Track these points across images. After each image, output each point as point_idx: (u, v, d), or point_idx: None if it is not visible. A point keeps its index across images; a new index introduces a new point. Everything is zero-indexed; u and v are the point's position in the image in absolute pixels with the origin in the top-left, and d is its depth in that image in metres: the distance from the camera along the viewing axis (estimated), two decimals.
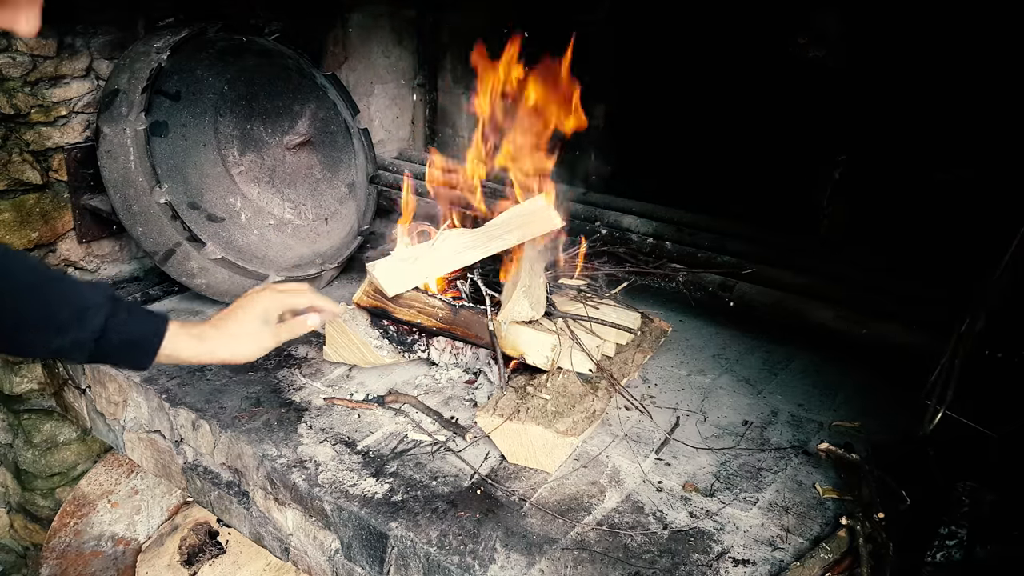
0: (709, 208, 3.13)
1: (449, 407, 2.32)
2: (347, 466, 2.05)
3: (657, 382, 2.50)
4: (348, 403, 2.32)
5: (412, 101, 4.23)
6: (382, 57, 3.99)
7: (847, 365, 2.59)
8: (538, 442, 2.02)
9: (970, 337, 1.93)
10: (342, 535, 1.96)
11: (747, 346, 2.75)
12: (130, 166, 2.59)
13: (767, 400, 2.42)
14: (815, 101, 2.92)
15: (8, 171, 2.67)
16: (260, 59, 3.01)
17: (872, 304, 2.42)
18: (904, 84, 2.71)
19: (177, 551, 2.21)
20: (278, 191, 2.95)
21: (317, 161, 3.12)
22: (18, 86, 2.64)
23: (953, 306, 2.08)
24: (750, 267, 2.67)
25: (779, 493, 1.98)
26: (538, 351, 2.21)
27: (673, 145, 3.33)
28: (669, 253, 2.89)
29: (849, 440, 2.12)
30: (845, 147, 2.93)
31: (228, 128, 2.84)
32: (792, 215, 3.06)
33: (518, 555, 1.74)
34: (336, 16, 3.71)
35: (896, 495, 1.84)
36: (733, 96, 3.10)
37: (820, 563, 1.69)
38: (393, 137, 4.20)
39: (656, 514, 1.90)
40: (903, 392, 2.35)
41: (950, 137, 2.63)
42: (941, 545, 1.65)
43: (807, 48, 2.88)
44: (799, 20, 2.87)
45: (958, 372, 1.92)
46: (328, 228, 3.13)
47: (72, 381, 2.77)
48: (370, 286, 2.42)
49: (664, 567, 1.72)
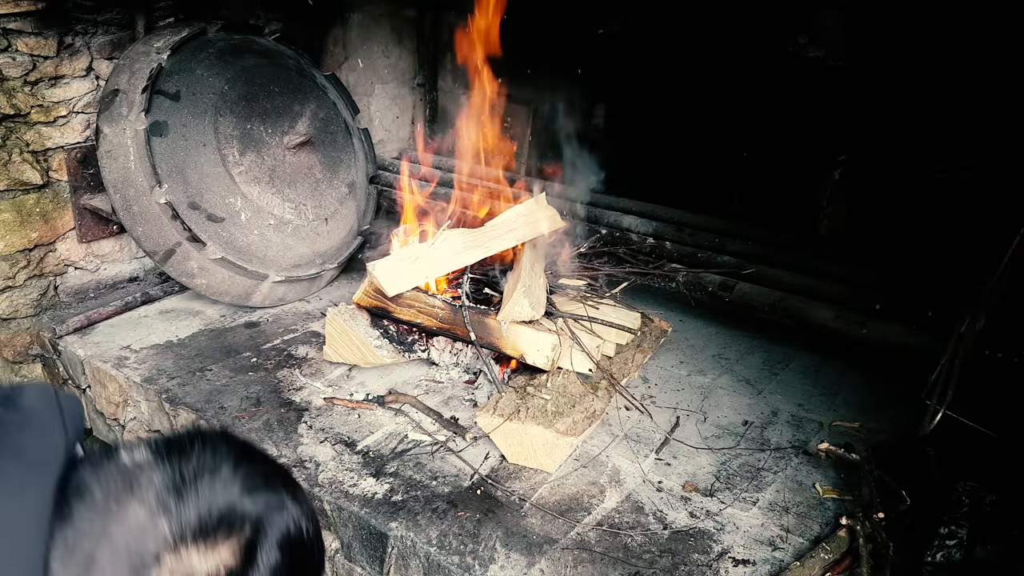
0: (709, 208, 3.13)
1: (449, 407, 2.32)
2: (347, 466, 2.05)
3: (657, 382, 2.50)
4: (348, 403, 2.32)
5: (412, 101, 4.23)
6: (382, 57, 3.99)
7: (847, 365, 2.59)
8: (538, 442, 2.02)
9: (970, 337, 1.94)
10: (342, 535, 1.96)
11: (747, 346, 2.75)
12: (130, 166, 2.59)
13: (767, 400, 2.42)
14: (815, 101, 2.92)
15: (8, 171, 2.67)
16: (260, 59, 3.01)
17: (872, 304, 2.42)
18: (904, 84, 2.71)
19: None
20: (278, 191, 2.95)
21: (317, 161, 3.12)
22: (18, 86, 2.64)
23: (953, 306, 2.08)
24: (750, 267, 2.68)
25: (779, 493, 1.98)
26: (538, 351, 2.21)
27: (673, 145, 3.33)
28: (669, 253, 2.89)
29: (849, 440, 2.12)
30: (845, 147, 2.93)
31: (228, 128, 2.84)
32: (792, 215, 3.06)
33: (518, 555, 1.74)
34: (336, 16, 3.71)
35: (896, 495, 1.84)
36: (733, 96, 3.10)
37: (820, 563, 1.69)
38: (393, 137, 4.20)
39: (656, 514, 1.90)
40: (903, 392, 2.36)
41: (950, 137, 2.63)
42: (941, 545, 1.65)
43: (807, 48, 2.88)
44: (799, 20, 2.87)
45: (958, 372, 1.92)
46: (328, 228, 3.13)
47: (72, 381, 2.77)
48: (370, 286, 2.42)
49: (664, 567, 1.72)
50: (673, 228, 3.01)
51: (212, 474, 0.75)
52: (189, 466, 0.75)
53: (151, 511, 0.72)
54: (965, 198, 2.63)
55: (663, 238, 2.96)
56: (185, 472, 0.74)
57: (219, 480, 0.75)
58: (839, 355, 2.60)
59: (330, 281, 3.20)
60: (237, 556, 0.74)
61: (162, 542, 0.71)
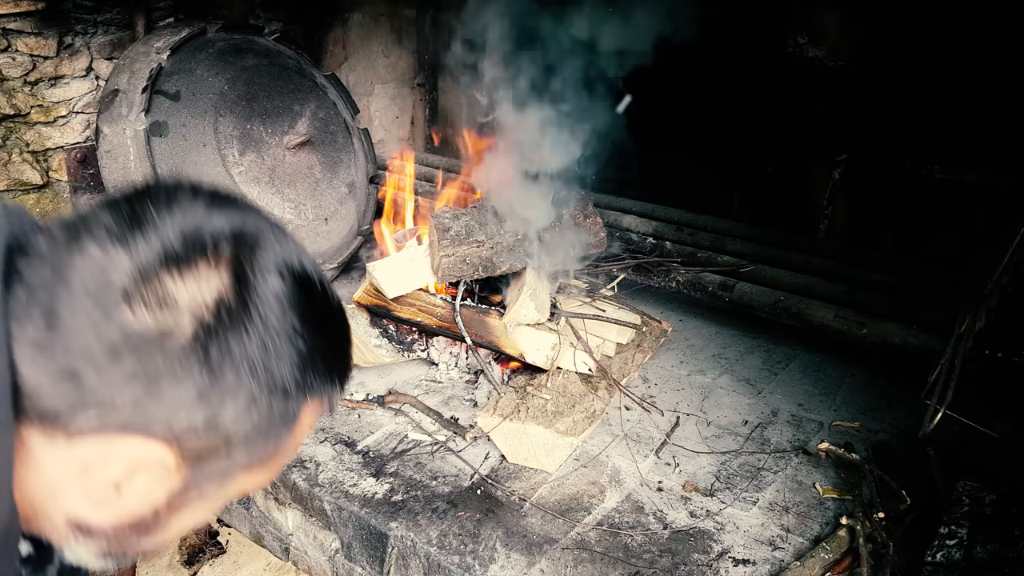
0: (709, 208, 3.13)
1: (449, 407, 2.32)
2: (347, 466, 2.05)
3: (657, 382, 2.50)
4: (348, 403, 2.32)
5: (412, 101, 4.23)
6: (382, 57, 3.99)
7: (847, 365, 2.59)
8: (538, 442, 2.02)
9: (970, 337, 1.94)
10: (342, 535, 1.96)
11: (747, 346, 2.75)
12: (130, 166, 2.59)
13: (767, 400, 2.42)
14: (815, 101, 2.92)
15: (8, 171, 2.67)
16: (260, 59, 3.01)
17: (872, 304, 2.42)
18: (904, 85, 2.71)
19: (177, 551, 2.21)
20: (278, 191, 2.95)
21: (317, 161, 3.12)
22: (18, 86, 2.64)
23: (953, 306, 2.08)
24: (750, 266, 2.68)
25: (779, 493, 1.98)
26: (538, 350, 2.21)
27: (673, 145, 3.32)
28: (669, 253, 2.89)
29: (849, 440, 2.12)
30: (845, 146, 2.93)
31: (228, 128, 2.84)
32: (792, 215, 3.06)
33: (518, 555, 1.74)
34: (336, 16, 3.71)
35: (896, 495, 1.84)
36: (733, 96, 3.10)
37: (820, 563, 1.69)
38: (393, 137, 4.19)
39: (656, 514, 1.90)
40: (903, 392, 2.36)
41: (951, 137, 2.63)
42: (941, 545, 1.65)
43: (807, 48, 2.88)
44: (799, 20, 2.87)
45: (958, 372, 1.92)
46: (328, 228, 3.13)
47: None
48: (370, 285, 2.42)
49: (664, 567, 1.72)
50: (673, 228, 3.00)
51: (169, 203, 0.63)
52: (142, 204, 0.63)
53: (105, 248, 0.60)
54: (965, 198, 2.63)
55: (663, 238, 2.96)
56: (137, 207, 0.62)
57: (177, 206, 0.63)
58: (839, 355, 2.61)
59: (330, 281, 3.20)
60: (224, 279, 0.61)
61: (126, 276, 0.59)
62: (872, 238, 2.90)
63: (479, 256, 2.32)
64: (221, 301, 0.61)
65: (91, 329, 0.59)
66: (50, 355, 0.59)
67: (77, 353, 0.59)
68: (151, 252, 0.60)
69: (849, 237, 2.96)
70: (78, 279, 0.59)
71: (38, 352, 0.59)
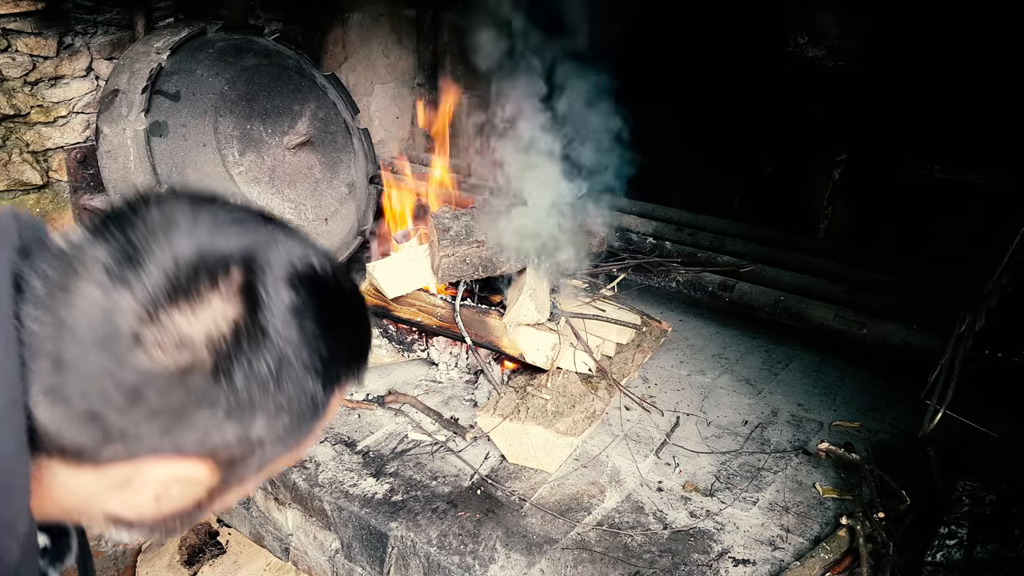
0: (709, 208, 3.13)
1: (449, 407, 2.32)
2: (347, 466, 2.05)
3: (657, 382, 2.50)
4: (348, 403, 2.32)
5: (412, 101, 4.22)
6: (382, 57, 3.99)
7: (847, 365, 2.59)
8: (538, 442, 2.02)
9: (970, 337, 1.94)
10: (342, 535, 1.96)
11: (747, 346, 2.75)
12: (130, 166, 2.59)
13: (767, 400, 2.42)
14: (815, 101, 2.92)
15: (8, 171, 2.67)
16: (260, 59, 3.01)
17: (872, 304, 2.43)
18: (904, 85, 2.71)
19: (177, 551, 2.21)
20: (278, 191, 2.95)
21: (317, 161, 3.12)
22: (18, 86, 2.64)
23: (953, 306, 2.08)
24: (750, 267, 2.68)
25: (779, 493, 1.98)
26: (538, 350, 2.21)
27: (673, 145, 3.32)
28: (669, 253, 2.89)
29: (849, 440, 2.12)
30: (845, 146, 2.93)
31: (228, 128, 2.84)
32: (792, 215, 3.06)
33: (518, 555, 1.74)
34: (336, 16, 3.70)
35: (896, 495, 1.84)
36: (733, 96, 3.10)
37: (820, 563, 1.69)
38: (393, 137, 4.19)
39: (656, 514, 1.90)
40: (903, 392, 2.36)
41: (950, 137, 2.63)
42: (941, 545, 1.65)
43: (807, 48, 2.88)
44: (799, 19, 2.87)
45: (958, 372, 1.92)
46: (328, 228, 3.13)
47: None
48: (370, 286, 2.42)
49: (664, 567, 1.72)
50: (673, 228, 3.01)
51: (167, 229, 0.60)
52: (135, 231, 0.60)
53: (105, 288, 0.57)
54: (965, 198, 2.63)
55: (663, 238, 2.96)
56: (132, 237, 0.59)
57: (175, 229, 0.60)
58: (839, 355, 2.61)
59: None
60: (236, 304, 0.59)
61: (132, 318, 0.57)
62: (872, 238, 2.90)
63: (479, 256, 2.32)
64: (237, 329, 0.60)
65: (107, 377, 0.58)
66: (65, 401, 0.58)
67: (95, 398, 0.58)
68: (155, 287, 0.58)
69: (849, 237, 2.96)
70: (82, 327, 0.58)
71: (53, 399, 0.58)
